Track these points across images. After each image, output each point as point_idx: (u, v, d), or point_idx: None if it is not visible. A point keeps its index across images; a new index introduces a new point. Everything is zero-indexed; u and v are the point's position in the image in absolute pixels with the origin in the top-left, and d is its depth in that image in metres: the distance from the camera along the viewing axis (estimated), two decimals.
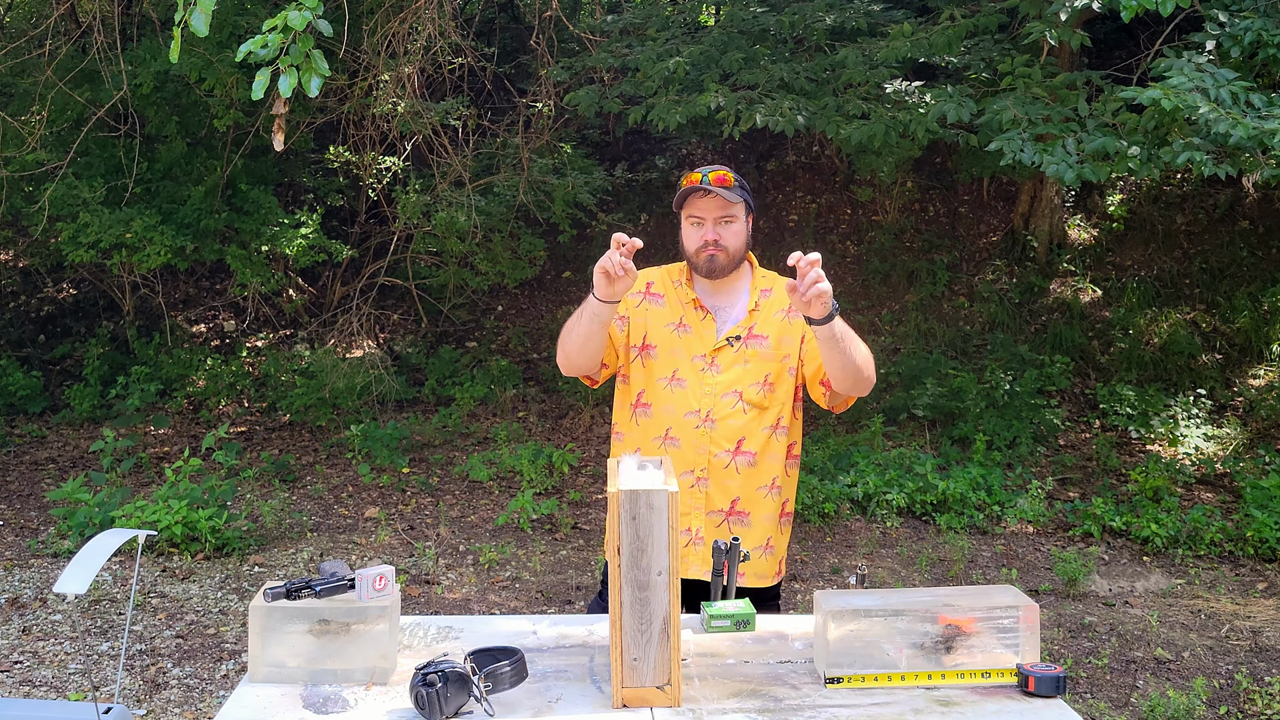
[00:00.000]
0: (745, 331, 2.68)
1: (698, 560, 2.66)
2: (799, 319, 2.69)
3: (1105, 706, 4.14)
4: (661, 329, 2.71)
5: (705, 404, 2.65)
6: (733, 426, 2.65)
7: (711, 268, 2.66)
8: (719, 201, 2.63)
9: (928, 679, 2.01)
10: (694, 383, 2.66)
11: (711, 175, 2.61)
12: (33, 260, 9.17)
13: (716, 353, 2.67)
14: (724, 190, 2.60)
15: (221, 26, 6.95)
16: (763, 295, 2.73)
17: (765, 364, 2.67)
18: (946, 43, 6.28)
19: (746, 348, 2.67)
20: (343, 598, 2.05)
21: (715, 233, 2.64)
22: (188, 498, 5.72)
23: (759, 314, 2.70)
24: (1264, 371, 8.08)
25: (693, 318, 2.71)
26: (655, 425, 2.68)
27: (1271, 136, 4.41)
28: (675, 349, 2.69)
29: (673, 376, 2.68)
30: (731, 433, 2.65)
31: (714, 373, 2.66)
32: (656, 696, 1.92)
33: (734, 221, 2.65)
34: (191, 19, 2.95)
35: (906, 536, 6.05)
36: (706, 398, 2.65)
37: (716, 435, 2.65)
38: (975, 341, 8.56)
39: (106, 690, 4.21)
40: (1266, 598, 5.32)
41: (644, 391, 2.71)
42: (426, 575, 5.47)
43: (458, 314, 9.18)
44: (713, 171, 2.62)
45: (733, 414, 2.65)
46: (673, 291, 2.76)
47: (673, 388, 2.67)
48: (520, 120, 8.03)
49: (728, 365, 2.67)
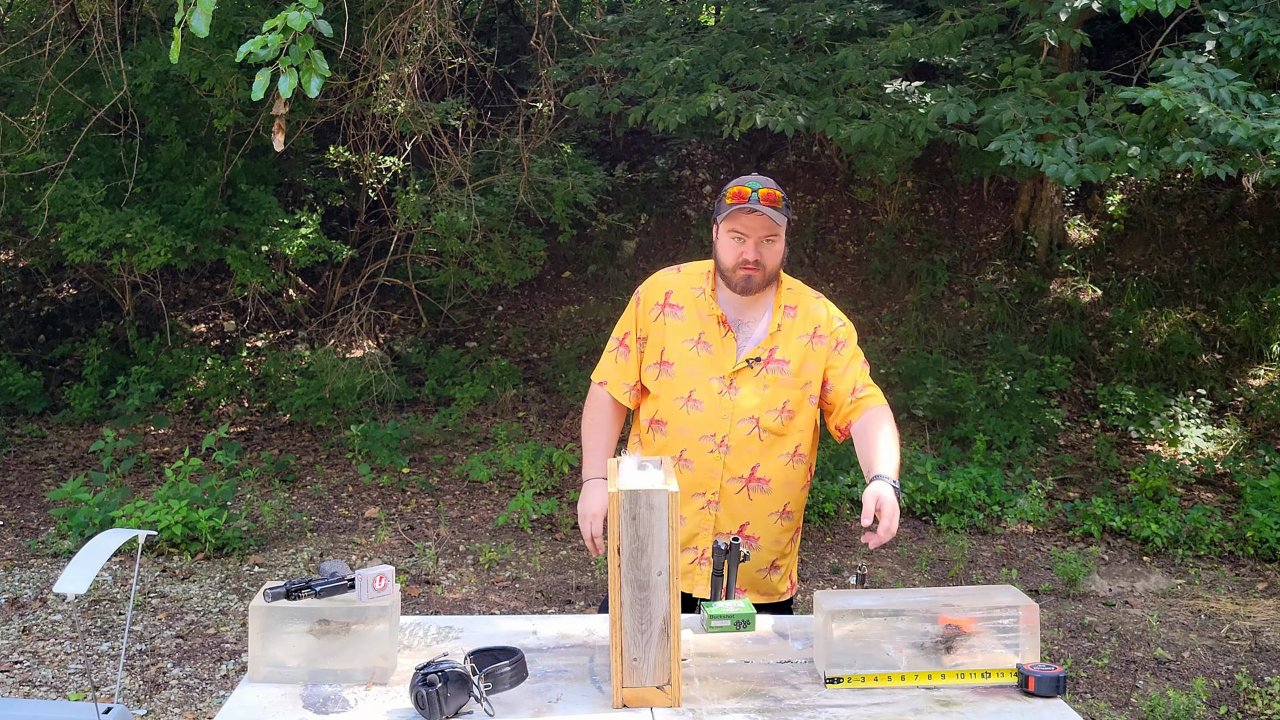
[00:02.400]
0: (766, 354, 2.59)
1: (703, 579, 2.61)
2: (823, 345, 2.63)
3: (1105, 706, 4.14)
4: (679, 345, 2.62)
5: (721, 429, 2.57)
6: (748, 454, 2.58)
7: (748, 287, 2.57)
8: (765, 221, 2.53)
9: (928, 679, 2.01)
10: (710, 405, 2.58)
11: (761, 192, 2.50)
12: (33, 260, 9.17)
13: (735, 375, 2.58)
14: (772, 210, 2.50)
15: (221, 27, 6.95)
16: (786, 314, 2.63)
17: (785, 390, 2.59)
18: (946, 43, 6.28)
19: (767, 372, 2.59)
20: (343, 598, 2.05)
21: (757, 252, 2.54)
22: (188, 498, 5.72)
23: (781, 335, 2.61)
24: (1264, 371, 8.08)
25: (714, 334, 2.61)
26: (670, 444, 2.61)
27: (1271, 136, 4.41)
28: (693, 368, 2.60)
29: (689, 397, 2.59)
30: (746, 460, 2.58)
31: (732, 395, 2.58)
32: (656, 696, 1.92)
33: (776, 241, 2.56)
34: (191, 19, 2.95)
35: (906, 536, 6.05)
36: (723, 422, 2.57)
37: (730, 461, 2.58)
38: (975, 341, 8.56)
39: (106, 690, 4.21)
40: (1266, 598, 5.32)
41: (659, 409, 2.65)
42: (426, 575, 5.47)
43: (458, 314, 9.18)
44: (762, 188, 2.51)
45: (748, 440, 2.57)
46: (693, 302, 2.65)
47: (689, 409, 2.60)
48: (520, 120, 8.03)
49: (746, 389, 2.58)
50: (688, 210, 10.01)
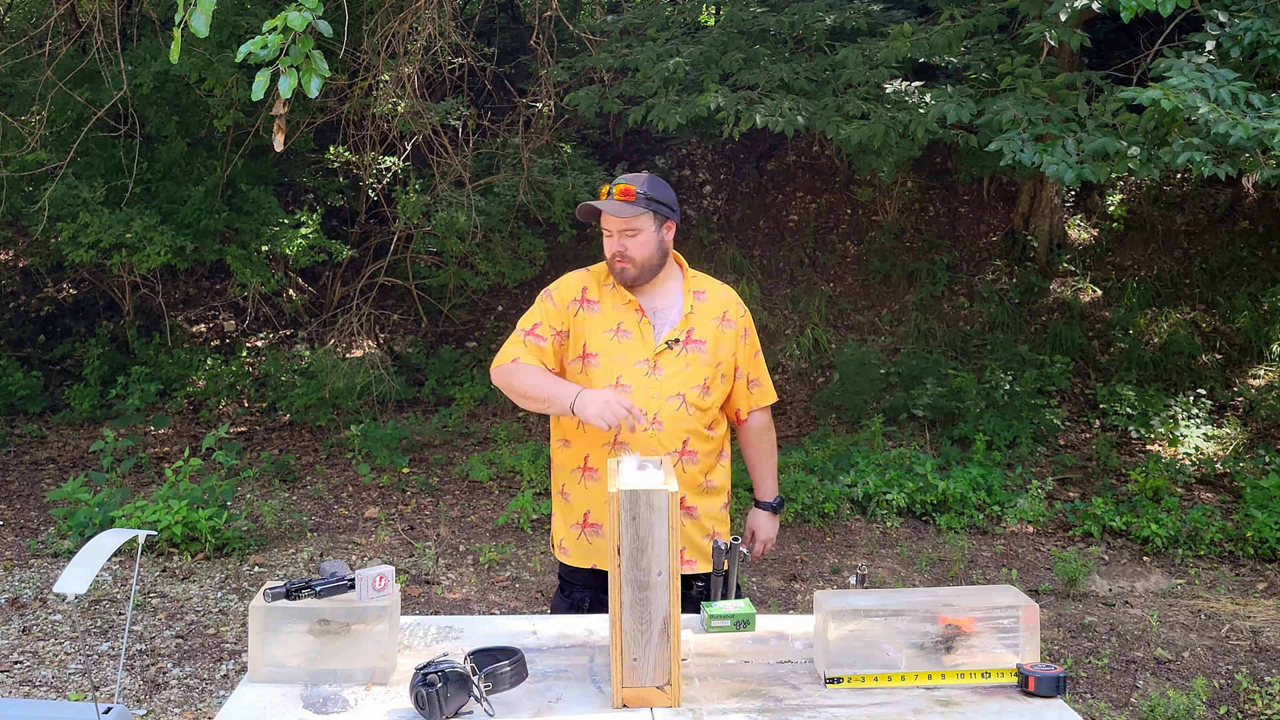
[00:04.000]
0: (683, 335, 2.77)
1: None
2: (732, 329, 2.84)
3: (1105, 706, 4.14)
4: (600, 336, 2.76)
5: (652, 406, 2.71)
6: (679, 428, 2.73)
7: (622, 279, 2.75)
8: (620, 215, 2.70)
9: (928, 679, 2.01)
10: (639, 386, 2.72)
11: (616, 189, 2.69)
12: (33, 260, 9.17)
13: (658, 356, 2.74)
14: (622, 205, 2.68)
15: (221, 27, 6.95)
16: (696, 298, 2.82)
17: (703, 368, 2.77)
18: (946, 43, 6.28)
19: (686, 351, 2.76)
20: (343, 598, 2.05)
21: (621, 244, 2.72)
22: (188, 498, 5.71)
23: (694, 317, 2.79)
24: (1264, 371, 8.08)
25: (631, 321, 2.77)
26: (603, 432, 2.69)
27: (1271, 136, 4.41)
28: (617, 355, 2.74)
29: (617, 383, 2.72)
30: (677, 434, 2.73)
31: (657, 375, 2.73)
32: (656, 696, 1.92)
33: (638, 233, 2.71)
34: (191, 20, 2.95)
35: (906, 536, 6.05)
36: (653, 400, 2.71)
37: (664, 437, 2.72)
38: (975, 341, 8.56)
39: (106, 690, 4.21)
40: (1266, 598, 5.32)
41: None
42: (426, 575, 5.47)
43: (458, 314, 9.18)
44: (618, 185, 2.70)
45: (678, 415, 2.73)
46: (607, 296, 2.80)
47: (619, 393, 2.69)
48: (520, 120, 8.03)
49: (669, 368, 2.74)
50: (688, 210, 10.01)
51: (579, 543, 2.81)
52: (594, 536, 2.79)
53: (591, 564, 2.80)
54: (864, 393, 7.80)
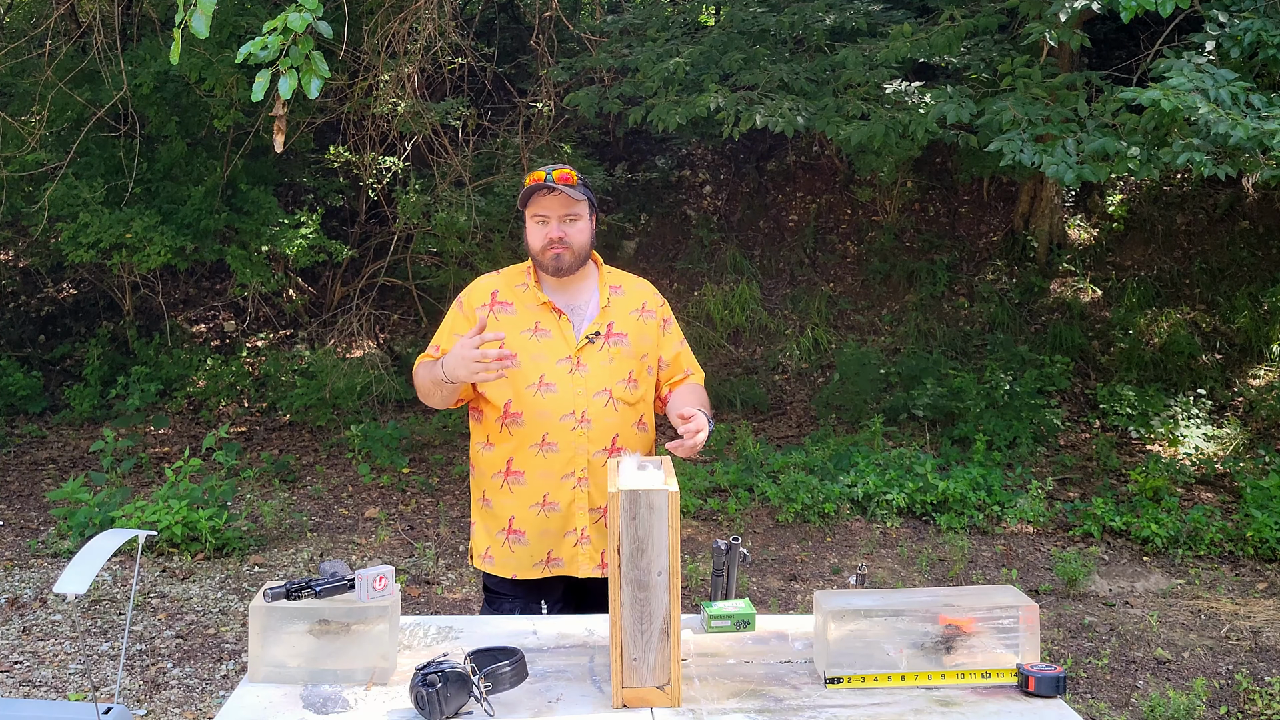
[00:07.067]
0: (604, 329, 2.71)
1: (586, 559, 2.70)
2: (652, 320, 2.79)
3: (1105, 706, 4.14)
4: (517, 337, 2.68)
5: (579, 404, 2.65)
6: (607, 425, 2.67)
7: (558, 266, 2.68)
8: (563, 199, 2.66)
9: (928, 679, 2.01)
10: (563, 385, 2.66)
11: (556, 173, 2.63)
12: (33, 260, 9.17)
13: (580, 352, 2.69)
14: (568, 188, 2.63)
15: (221, 27, 6.95)
16: (613, 292, 2.77)
17: (628, 362, 2.72)
18: (946, 43, 6.28)
19: (609, 345, 2.71)
20: (343, 598, 2.05)
21: (560, 230, 2.67)
22: (188, 498, 5.72)
23: (612, 311, 2.75)
24: (1264, 371, 8.08)
25: (549, 320, 2.71)
26: (530, 432, 2.65)
27: (1271, 137, 4.41)
28: (537, 354, 2.67)
29: (540, 382, 2.65)
30: (606, 431, 2.67)
31: (581, 372, 2.68)
32: (656, 696, 1.92)
33: (578, 220, 2.68)
34: (192, 20, 2.95)
35: (906, 536, 6.05)
36: (579, 398, 2.66)
37: (593, 434, 2.66)
38: (975, 341, 8.56)
39: (106, 690, 4.21)
40: (1266, 598, 5.32)
41: (511, 401, 2.67)
42: (426, 575, 5.47)
43: None
44: (556, 169, 2.65)
45: (605, 412, 2.67)
46: (520, 297, 2.74)
47: (543, 393, 2.65)
48: (520, 120, 8.03)
49: (593, 363, 2.69)
50: (688, 210, 10.01)
51: (503, 550, 2.70)
52: (517, 544, 2.69)
53: (512, 574, 2.70)
54: (864, 393, 7.80)
